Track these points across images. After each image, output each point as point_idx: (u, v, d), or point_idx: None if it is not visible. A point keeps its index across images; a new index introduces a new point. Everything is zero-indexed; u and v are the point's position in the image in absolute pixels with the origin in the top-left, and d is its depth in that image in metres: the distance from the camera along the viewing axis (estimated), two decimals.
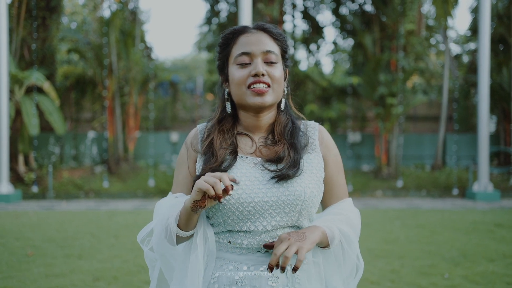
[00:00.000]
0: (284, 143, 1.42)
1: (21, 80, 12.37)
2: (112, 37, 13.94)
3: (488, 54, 11.58)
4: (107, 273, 4.92)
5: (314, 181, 1.39)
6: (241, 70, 1.40)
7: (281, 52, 1.46)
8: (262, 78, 1.38)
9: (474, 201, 11.42)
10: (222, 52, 1.47)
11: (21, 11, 13.18)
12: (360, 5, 16.02)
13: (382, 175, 14.25)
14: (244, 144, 1.45)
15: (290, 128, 1.46)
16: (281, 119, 1.47)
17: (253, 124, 1.46)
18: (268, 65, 1.40)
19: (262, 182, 1.36)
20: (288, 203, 1.35)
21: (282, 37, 1.45)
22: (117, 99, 14.53)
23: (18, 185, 12.49)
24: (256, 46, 1.39)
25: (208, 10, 17.22)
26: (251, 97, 1.39)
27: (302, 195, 1.35)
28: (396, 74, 14.06)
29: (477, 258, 5.52)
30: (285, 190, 1.35)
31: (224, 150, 1.40)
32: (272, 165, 1.39)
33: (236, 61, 1.41)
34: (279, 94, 1.43)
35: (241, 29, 1.43)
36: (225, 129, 1.46)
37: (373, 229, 7.45)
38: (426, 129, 19.47)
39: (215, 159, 1.39)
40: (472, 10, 17.16)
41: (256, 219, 1.35)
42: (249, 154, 1.43)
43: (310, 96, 16.42)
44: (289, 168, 1.36)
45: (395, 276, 4.82)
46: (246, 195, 1.34)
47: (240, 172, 1.38)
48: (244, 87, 1.39)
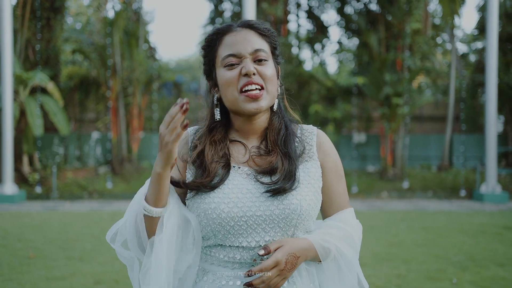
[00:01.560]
0: (278, 153, 1.31)
1: (26, 80, 12.36)
2: (116, 38, 13.91)
3: (496, 53, 11.43)
4: (108, 276, 4.85)
5: (312, 193, 1.29)
6: (230, 72, 1.29)
7: (271, 48, 1.35)
8: (253, 79, 1.27)
9: (481, 203, 11.27)
10: (207, 55, 1.36)
11: (26, 12, 13.17)
12: (365, 4, 15.91)
13: (388, 176, 14.12)
14: (237, 152, 1.35)
15: (283, 135, 1.35)
16: (274, 125, 1.36)
17: (246, 128, 1.36)
18: (258, 64, 1.30)
19: (255, 195, 1.26)
20: (283, 217, 1.25)
21: (270, 32, 1.35)
22: (121, 100, 14.50)
23: (22, 185, 12.48)
24: (243, 45, 1.29)
25: (212, 10, 17.19)
26: (245, 104, 1.28)
27: (298, 208, 1.25)
28: (401, 74, 13.94)
29: (485, 263, 5.40)
30: (279, 203, 1.25)
31: (216, 164, 1.30)
32: (265, 177, 1.29)
33: (223, 63, 1.30)
34: (274, 94, 1.33)
35: (225, 28, 1.33)
36: (216, 139, 1.35)
37: (379, 232, 7.34)
38: (432, 129, 19.31)
39: (207, 173, 1.28)
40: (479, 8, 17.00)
41: (248, 234, 1.25)
42: (242, 163, 1.33)
43: (315, 96, 16.32)
44: (284, 180, 1.26)
45: (401, 281, 4.71)
46: (237, 209, 1.24)
47: (232, 184, 1.28)
48: (235, 91, 1.29)
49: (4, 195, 10.98)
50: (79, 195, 12.26)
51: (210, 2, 17.02)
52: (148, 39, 16.98)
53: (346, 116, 16.44)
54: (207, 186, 1.27)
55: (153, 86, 16.03)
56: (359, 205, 10.90)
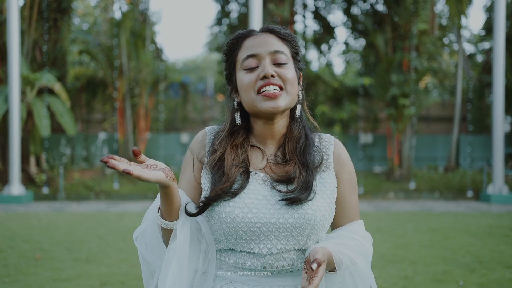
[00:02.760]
0: (296, 162, 1.30)
1: (33, 81, 12.44)
2: (123, 39, 13.96)
3: (503, 53, 11.37)
4: (114, 278, 4.86)
5: (327, 203, 1.28)
6: (249, 75, 1.28)
7: (292, 53, 1.33)
8: (272, 80, 1.25)
9: (488, 204, 11.21)
10: (228, 59, 1.36)
11: (33, 13, 13.26)
12: (372, 4, 15.86)
13: (394, 176, 14.08)
14: (255, 158, 1.34)
15: (302, 144, 1.33)
16: (293, 133, 1.34)
17: (265, 133, 1.34)
18: (278, 67, 1.28)
19: (271, 202, 1.25)
20: (297, 227, 1.24)
21: (291, 37, 1.33)
22: (128, 101, 14.55)
23: (29, 186, 12.56)
24: (262, 47, 1.28)
25: (219, 11, 17.19)
26: (262, 103, 1.26)
27: (312, 218, 1.24)
28: (408, 74, 13.89)
29: (493, 265, 5.36)
30: (294, 212, 1.24)
31: (235, 169, 1.28)
32: (282, 185, 1.27)
33: (242, 66, 1.30)
34: (294, 97, 1.31)
35: (246, 33, 1.33)
36: (238, 143, 1.33)
37: (385, 233, 7.32)
38: (439, 130, 19.22)
39: (226, 178, 1.27)
40: (487, 9, 16.91)
41: (261, 240, 1.24)
42: (259, 169, 1.31)
43: (322, 97, 16.29)
44: (301, 190, 1.24)
45: (408, 283, 4.69)
46: (252, 214, 1.23)
47: (248, 189, 1.27)
48: (253, 93, 1.27)
49: (12, 196, 11.05)
50: (86, 195, 12.32)
51: (216, 2, 17.03)
52: (154, 40, 17.03)
53: (353, 117, 16.40)
54: (227, 193, 1.25)
55: (160, 87, 16.07)
56: (366, 205, 10.87)
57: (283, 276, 1.28)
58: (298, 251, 1.28)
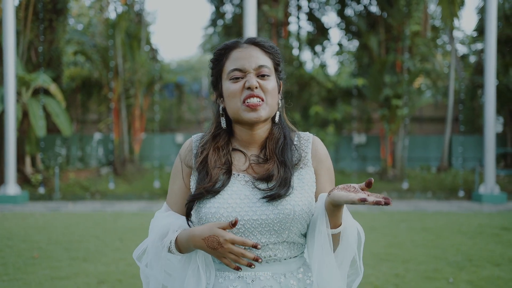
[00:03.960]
0: (275, 161, 1.41)
1: (28, 82, 12.46)
2: (118, 39, 14.00)
3: (494, 55, 11.51)
4: (111, 276, 4.94)
5: (305, 198, 1.39)
6: (235, 84, 1.40)
7: (274, 65, 1.45)
8: (255, 92, 1.38)
9: (480, 204, 11.36)
10: (215, 67, 1.47)
11: (28, 14, 13.28)
12: (365, 6, 15.99)
13: (388, 177, 14.21)
14: (238, 161, 1.45)
15: (281, 144, 1.44)
16: (273, 134, 1.46)
17: (247, 138, 1.46)
18: (261, 79, 1.40)
19: (252, 201, 1.36)
20: (278, 221, 1.35)
21: (274, 50, 1.45)
22: (123, 101, 14.59)
23: (25, 186, 12.58)
24: (248, 61, 1.39)
25: (213, 12, 17.26)
26: (245, 113, 1.38)
27: (291, 213, 1.35)
28: (401, 75, 14.03)
29: (482, 263, 5.49)
30: (274, 208, 1.35)
31: (218, 170, 1.40)
32: (262, 183, 1.39)
33: (229, 76, 1.41)
34: (273, 107, 1.43)
35: (233, 44, 1.43)
36: (219, 146, 1.45)
37: (379, 233, 7.44)
38: (432, 130, 19.40)
39: (209, 178, 1.39)
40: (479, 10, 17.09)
41: (246, 236, 1.36)
42: (242, 171, 1.43)
43: (315, 97, 16.40)
44: (280, 187, 1.35)
45: (399, 280, 4.81)
46: (236, 213, 1.35)
47: (231, 190, 1.38)
48: (238, 102, 1.39)
49: (7, 196, 11.08)
50: (81, 195, 12.36)
51: (211, 4, 17.10)
52: (150, 41, 17.08)
53: (346, 118, 16.54)
54: (210, 192, 1.37)
55: (155, 88, 16.12)
56: (359, 205, 10.96)
57: (272, 265, 1.39)
58: (283, 243, 1.39)
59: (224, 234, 1.28)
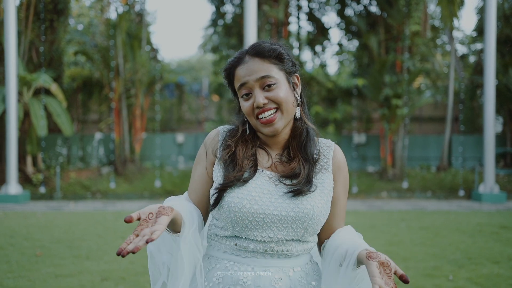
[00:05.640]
0: (299, 159, 1.46)
1: (29, 82, 12.51)
2: (119, 39, 14.05)
3: (494, 55, 11.55)
4: (114, 274, 4.99)
5: (324, 201, 1.44)
6: (246, 102, 1.44)
7: (279, 67, 1.44)
8: (265, 107, 1.41)
9: (480, 203, 11.41)
10: (229, 85, 1.52)
11: (29, 14, 13.32)
12: (365, 6, 16.04)
13: (388, 176, 14.26)
14: (262, 158, 1.50)
15: (304, 140, 1.48)
16: (296, 131, 1.50)
17: (269, 142, 1.51)
18: (267, 89, 1.41)
19: (274, 196, 1.41)
20: (296, 219, 1.39)
21: (275, 51, 1.43)
22: (124, 101, 14.64)
23: (26, 185, 12.62)
24: (249, 76, 1.42)
25: (214, 12, 17.29)
26: (262, 128, 1.44)
27: (310, 213, 1.40)
28: (401, 75, 14.07)
29: (481, 260, 5.54)
30: (295, 206, 1.39)
31: (247, 161, 1.45)
32: (287, 180, 1.44)
33: (239, 93, 1.46)
34: (290, 111, 1.45)
35: (236, 62, 1.46)
36: (248, 138, 1.51)
37: (378, 231, 7.48)
38: (431, 130, 19.45)
39: (239, 168, 1.44)
40: (478, 10, 17.14)
41: (263, 230, 1.40)
42: (266, 168, 1.48)
43: (316, 97, 16.45)
44: (304, 184, 1.41)
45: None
46: (258, 206, 1.39)
47: (255, 183, 1.43)
48: (253, 118, 1.44)
49: (9, 195, 11.13)
50: (82, 195, 12.41)
51: (211, 4, 17.14)
52: (150, 41, 17.13)
53: (346, 117, 16.58)
54: (239, 180, 1.42)
55: (156, 87, 16.17)
56: (359, 205, 11.04)
57: (282, 259, 1.43)
58: (296, 242, 1.44)
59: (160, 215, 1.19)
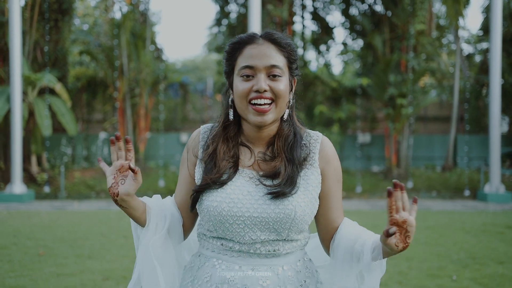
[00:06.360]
0: (282, 158, 1.40)
1: (34, 82, 12.54)
2: (123, 39, 14.07)
3: (499, 54, 11.47)
4: (116, 273, 4.99)
5: (308, 199, 1.38)
6: (244, 83, 1.37)
7: (288, 63, 1.41)
8: (264, 94, 1.35)
9: (485, 203, 11.33)
10: (228, 60, 1.44)
11: (34, 14, 13.37)
12: (370, 5, 15.98)
13: (392, 176, 14.19)
14: (244, 156, 1.45)
15: (291, 142, 1.43)
16: (283, 131, 1.44)
17: (254, 136, 1.44)
18: (272, 79, 1.37)
19: (255, 197, 1.36)
20: (277, 220, 1.34)
21: (290, 48, 1.41)
22: (128, 101, 14.67)
23: (31, 185, 12.66)
24: (260, 60, 1.36)
25: (218, 11, 17.29)
26: (252, 116, 1.37)
27: (292, 214, 1.34)
28: (406, 74, 14.01)
29: (486, 260, 5.49)
30: (275, 207, 1.34)
31: (226, 162, 1.40)
32: (268, 180, 1.38)
33: (240, 73, 1.38)
34: (283, 108, 1.40)
35: (248, 39, 1.40)
36: (229, 137, 1.45)
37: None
38: (436, 130, 19.35)
39: (217, 170, 1.39)
40: (484, 9, 17.03)
41: (245, 232, 1.36)
42: (247, 166, 1.43)
43: (320, 97, 16.41)
44: (285, 185, 1.35)
45: (402, 278, 4.82)
46: (237, 208, 1.35)
47: (235, 185, 1.38)
48: (245, 101, 1.37)
49: (13, 195, 11.16)
50: (86, 194, 12.44)
51: (216, 3, 17.13)
52: (154, 40, 17.15)
53: (351, 117, 16.52)
54: (216, 183, 1.37)
55: (160, 87, 16.18)
56: (363, 204, 10.99)
57: (270, 258, 1.40)
58: (280, 241, 1.39)
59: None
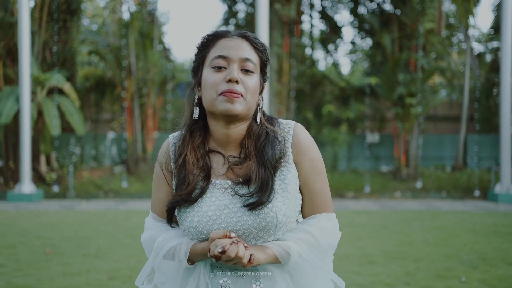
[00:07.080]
0: (254, 160, 1.33)
1: (43, 82, 12.63)
2: (131, 39, 14.12)
3: (510, 53, 11.32)
4: (122, 273, 4.98)
5: (288, 200, 1.32)
6: (216, 74, 1.31)
7: (260, 63, 1.38)
8: (235, 88, 1.29)
9: (496, 203, 11.19)
10: (199, 53, 1.38)
11: (43, 14, 13.46)
12: (379, 4, 15.88)
13: (401, 176, 14.09)
14: (217, 163, 1.37)
15: (262, 143, 1.35)
16: (253, 131, 1.37)
17: (223, 137, 1.36)
18: (244, 74, 1.32)
19: (233, 210, 1.30)
20: (260, 229, 1.30)
21: (263, 48, 1.37)
22: (136, 100, 14.71)
23: (40, 184, 12.75)
24: (235, 51, 1.32)
25: (226, 11, 17.28)
26: (221, 103, 1.29)
27: (274, 220, 1.29)
28: (415, 73, 13.89)
29: (496, 262, 5.40)
30: (256, 217, 1.29)
31: (195, 176, 1.33)
32: (243, 188, 1.31)
33: (211, 63, 1.33)
34: (252, 106, 1.34)
35: (223, 33, 1.36)
36: (195, 145, 1.37)
37: (390, 231, 7.37)
38: (446, 129, 19.17)
39: (187, 184, 1.33)
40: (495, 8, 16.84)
41: None
42: (221, 175, 1.36)
43: (328, 96, 16.34)
44: (261, 192, 1.28)
45: (410, 278, 4.75)
46: (217, 225, 1.30)
47: (210, 200, 1.32)
48: (215, 93, 1.31)
49: (22, 194, 11.24)
50: (95, 194, 12.49)
51: (224, 3, 17.13)
52: (162, 40, 17.19)
53: (360, 116, 16.43)
54: (187, 200, 1.32)
55: (168, 87, 16.22)
56: (372, 204, 10.91)
57: None
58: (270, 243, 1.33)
59: None
